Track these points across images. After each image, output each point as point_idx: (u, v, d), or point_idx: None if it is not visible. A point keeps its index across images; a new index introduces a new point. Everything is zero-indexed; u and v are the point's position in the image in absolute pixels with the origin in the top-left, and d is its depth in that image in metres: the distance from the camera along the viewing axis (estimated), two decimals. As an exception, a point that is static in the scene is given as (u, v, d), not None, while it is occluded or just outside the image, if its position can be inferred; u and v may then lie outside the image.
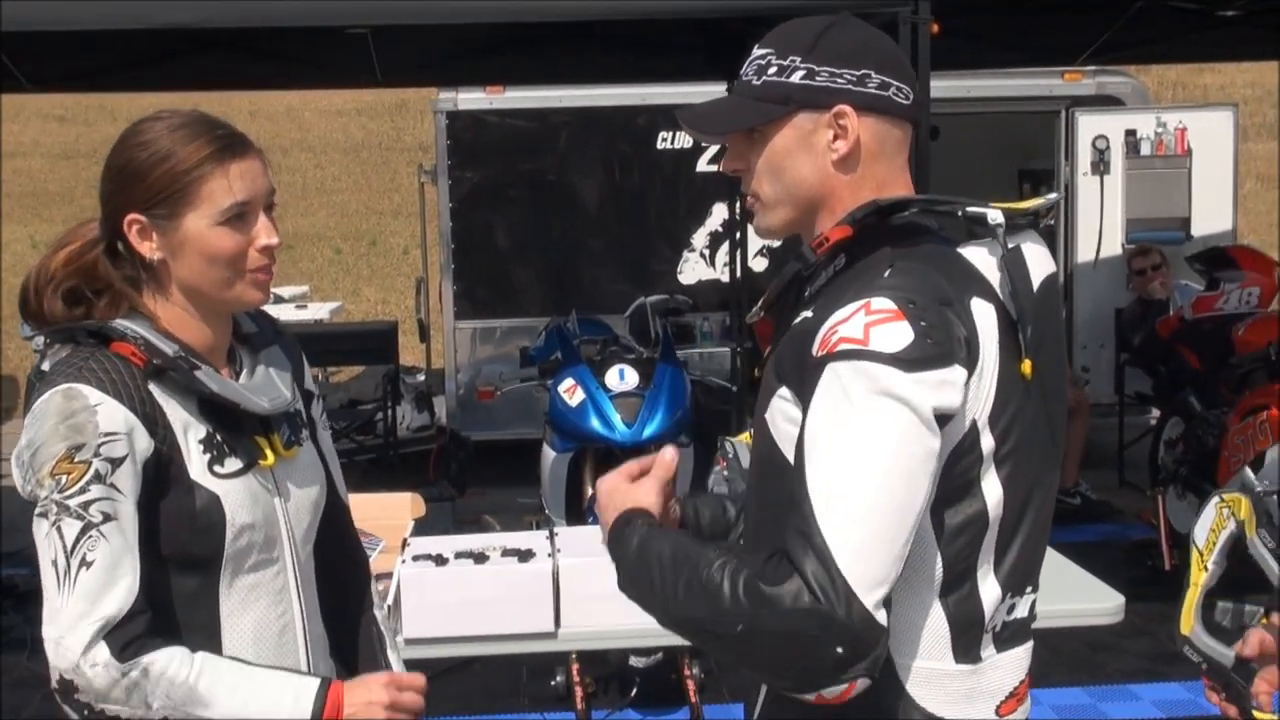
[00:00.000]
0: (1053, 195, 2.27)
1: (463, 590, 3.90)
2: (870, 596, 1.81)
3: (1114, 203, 10.47)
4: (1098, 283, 10.42)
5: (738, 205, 8.60)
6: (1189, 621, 3.01)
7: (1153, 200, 10.46)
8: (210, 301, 2.26)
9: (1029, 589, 2.13)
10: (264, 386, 2.33)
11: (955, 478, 1.95)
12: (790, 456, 1.99)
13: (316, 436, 2.53)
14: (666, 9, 5.32)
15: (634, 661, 5.79)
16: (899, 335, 1.87)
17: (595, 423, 6.43)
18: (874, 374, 1.86)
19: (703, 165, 10.71)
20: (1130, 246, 10.20)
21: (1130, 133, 10.46)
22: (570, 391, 6.53)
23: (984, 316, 1.98)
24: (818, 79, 2.06)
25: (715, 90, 8.28)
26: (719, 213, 10.60)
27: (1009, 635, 2.10)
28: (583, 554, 4.05)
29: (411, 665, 2.63)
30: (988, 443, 1.98)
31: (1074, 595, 4.16)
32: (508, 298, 10.85)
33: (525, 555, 4.01)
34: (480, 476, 10.00)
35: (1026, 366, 2.00)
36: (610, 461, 6.51)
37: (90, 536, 2.08)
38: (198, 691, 2.10)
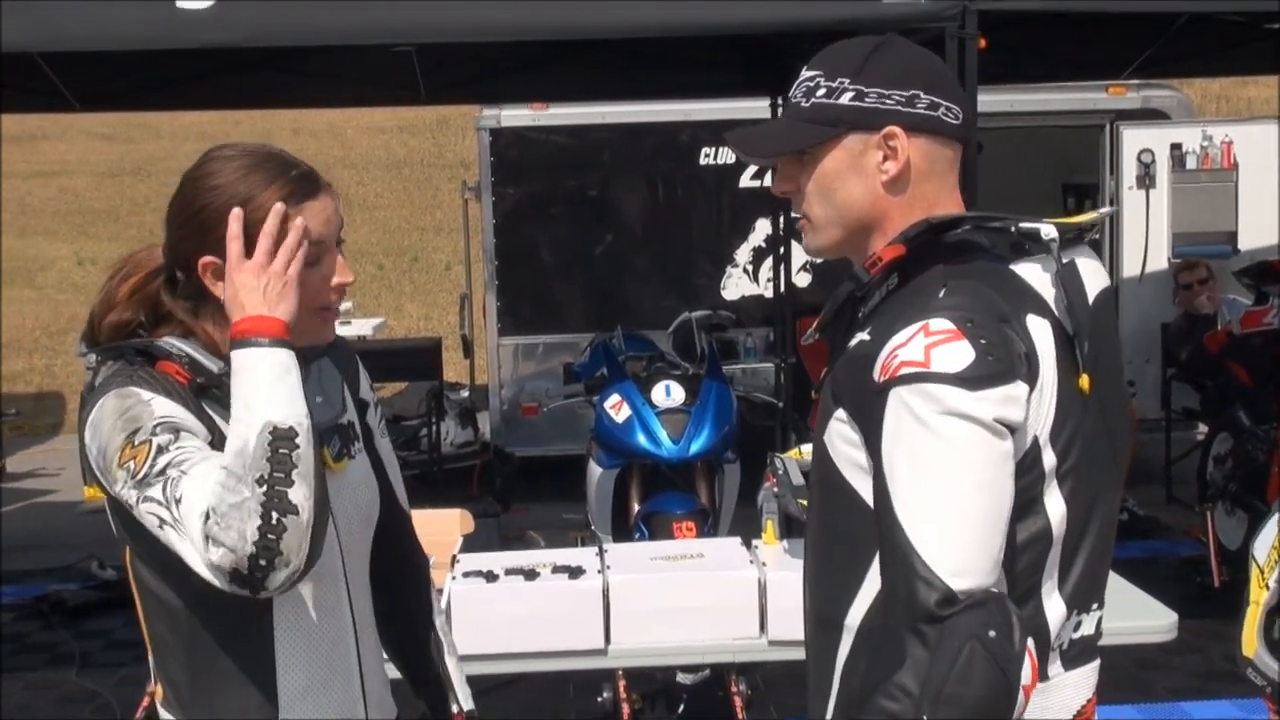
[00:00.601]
0: (1105, 209, 2.26)
1: (513, 607, 3.91)
2: (977, 585, 1.85)
3: (1159, 217, 10.42)
4: (1144, 297, 10.36)
5: (781, 220, 8.59)
6: (1252, 643, 2.96)
7: (1199, 214, 10.40)
8: None
9: (1094, 605, 2.12)
10: (310, 400, 2.33)
11: (1018, 495, 1.94)
12: (849, 476, 2.01)
13: (375, 445, 2.53)
14: (709, 26, 5.31)
15: (681, 678, 5.76)
16: (960, 355, 1.88)
17: (642, 439, 6.42)
18: (938, 395, 1.87)
19: (746, 181, 10.71)
20: (1176, 261, 10.15)
21: (1175, 146, 10.41)
22: (616, 408, 6.53)
23: (1040, 333, 1.98)
24: (867, 100, 2.06)
25: (758, 106, 8.32)
26: (762, 228, 10.60)
27: (1076, 653, 2.09)
28: (633, 570, 4.07)
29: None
30: (1049, 459, 1.97)
31: (1126, 612, 4.13)
32: (551, 313, 10.88)
33: (575, 572, 4.02)
34: (524, 492, 10.01)
35: (1085, 382, 1.99)
36: (657, 478, 6.51)
37: (171, 481, 2.05)
38: (226, 446, 2.06)
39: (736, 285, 10.85)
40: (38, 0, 4.77)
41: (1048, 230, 2.03)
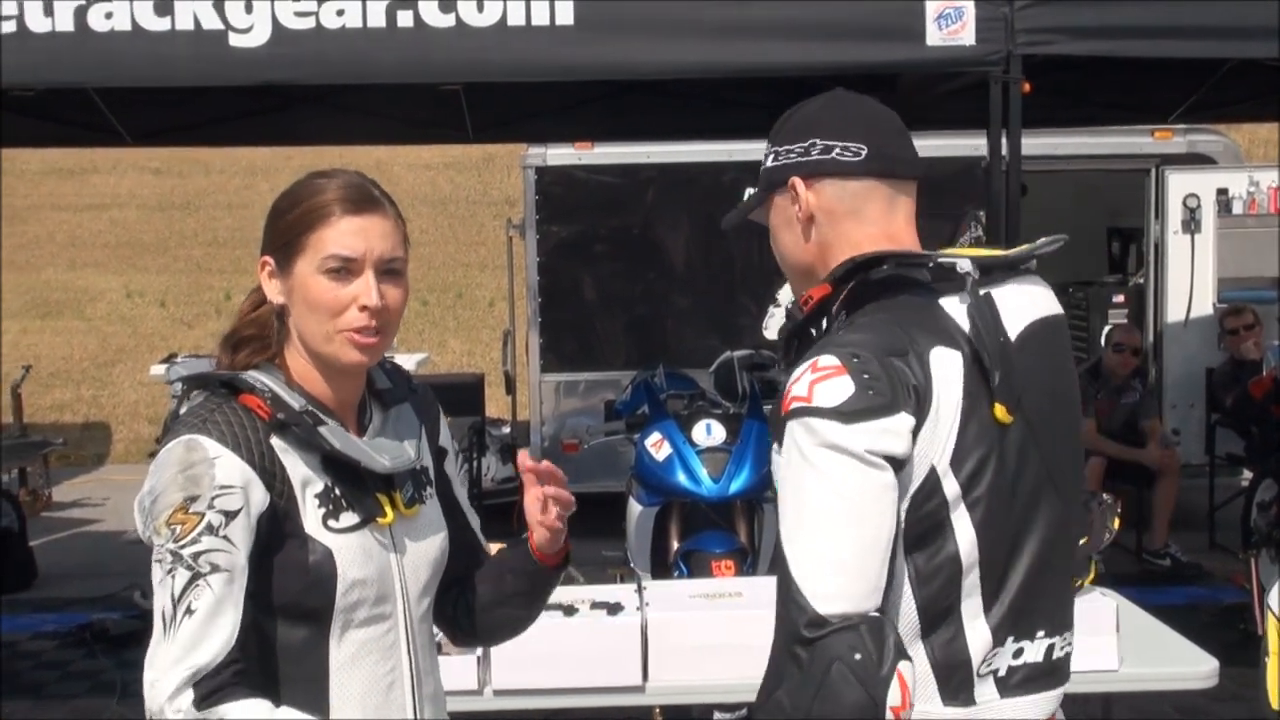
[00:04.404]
0: (1043, 240, 2.28)
1: (551, 643, 3.92)
2: (849, 611, 1.92)
3: (1205, 262, 10.38)
4: (1189, 342, 10.32)
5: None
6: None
7: (1244, 259, 10.36)
8: (315, 355, 2.29)
9: (1041, 633, 2.15)
10: (388, 444, 2.36)
11: (921, 522, 2.02)
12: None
13: (453, 492, 2.56)
14: (754, 68, 5.35)
15: (718, 716, 5.76)
16: (840, 390, 1.98)
17: (682, 477, 6.43)
18: (817, 428, 1.98)
19: (789, 221, 10.73)
20: (1222, 306, 10.10)
21: (1222, 191, 10.38)
22: (657, 446, 6.54)
23: (945, 365, 2.04)
24: (776, 159, 2.26)
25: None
26: (805, 268, 10.60)
27: (1019, 680, 2.12)
28: (671, 608, 4.07)
29: (499, 716, 2.65)
30: (951, 487, 2.03)
31: (1166, 658, 4.11)
32: (593, 351, 10.91)
33: (614, 609, 4.04)
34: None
35: (1000, 411, 2.05)
36: (696, 516, 6.52)
37: (197, 586, 2.11)
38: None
39: (778, 325, 10.85)
40: (92, 35, 4.84)
41: (963, 264, 2.10)
